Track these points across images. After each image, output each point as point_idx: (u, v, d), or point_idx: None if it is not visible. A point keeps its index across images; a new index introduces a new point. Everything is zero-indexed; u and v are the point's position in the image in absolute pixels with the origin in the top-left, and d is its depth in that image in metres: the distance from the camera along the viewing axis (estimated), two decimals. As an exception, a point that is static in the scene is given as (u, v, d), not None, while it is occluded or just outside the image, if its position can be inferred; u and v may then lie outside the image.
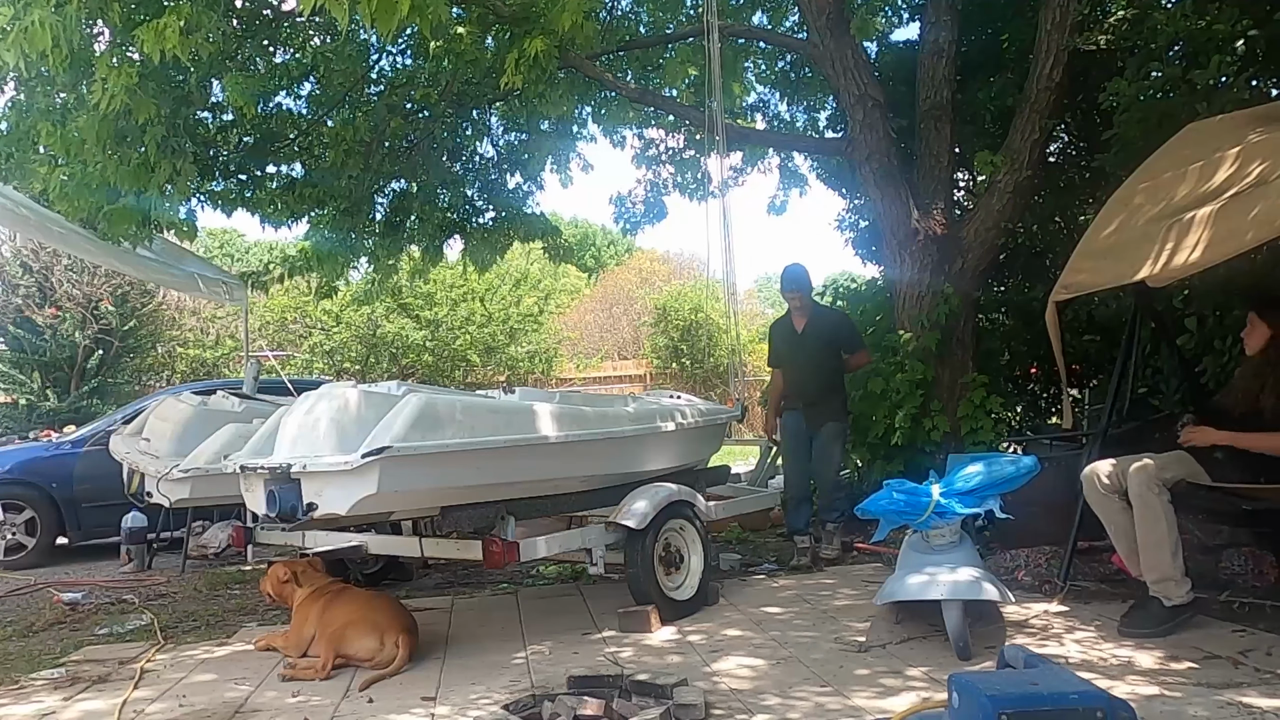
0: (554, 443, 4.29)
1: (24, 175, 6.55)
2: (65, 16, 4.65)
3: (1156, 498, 3.84)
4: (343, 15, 4.10)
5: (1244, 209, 3.64)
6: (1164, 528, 3.82)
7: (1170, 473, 3.91)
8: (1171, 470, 3.93)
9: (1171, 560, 3.83)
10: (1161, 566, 3.84)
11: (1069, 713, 2.19)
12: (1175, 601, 3.84)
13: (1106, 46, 6.31)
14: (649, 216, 9.98)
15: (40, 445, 8.43)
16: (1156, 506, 3.83)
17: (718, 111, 6.52)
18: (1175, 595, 3.84)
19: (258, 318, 18.60)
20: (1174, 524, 3.84)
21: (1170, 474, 3.91)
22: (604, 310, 26.77)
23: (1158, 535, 3.84)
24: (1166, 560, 3.83)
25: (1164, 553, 3.83)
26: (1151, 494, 3.84)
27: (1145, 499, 3.85)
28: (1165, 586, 3.85)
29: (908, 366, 6.64)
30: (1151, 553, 3.87)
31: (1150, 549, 3.87)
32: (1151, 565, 3.88)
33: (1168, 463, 3.96)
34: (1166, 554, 3.83)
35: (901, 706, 3.12)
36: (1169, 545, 3.83)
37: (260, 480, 3.83)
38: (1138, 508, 3.89)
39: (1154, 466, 3.91)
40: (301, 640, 4.13)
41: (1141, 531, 3.89)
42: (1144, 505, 3.86)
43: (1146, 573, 3.91)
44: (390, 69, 8.39)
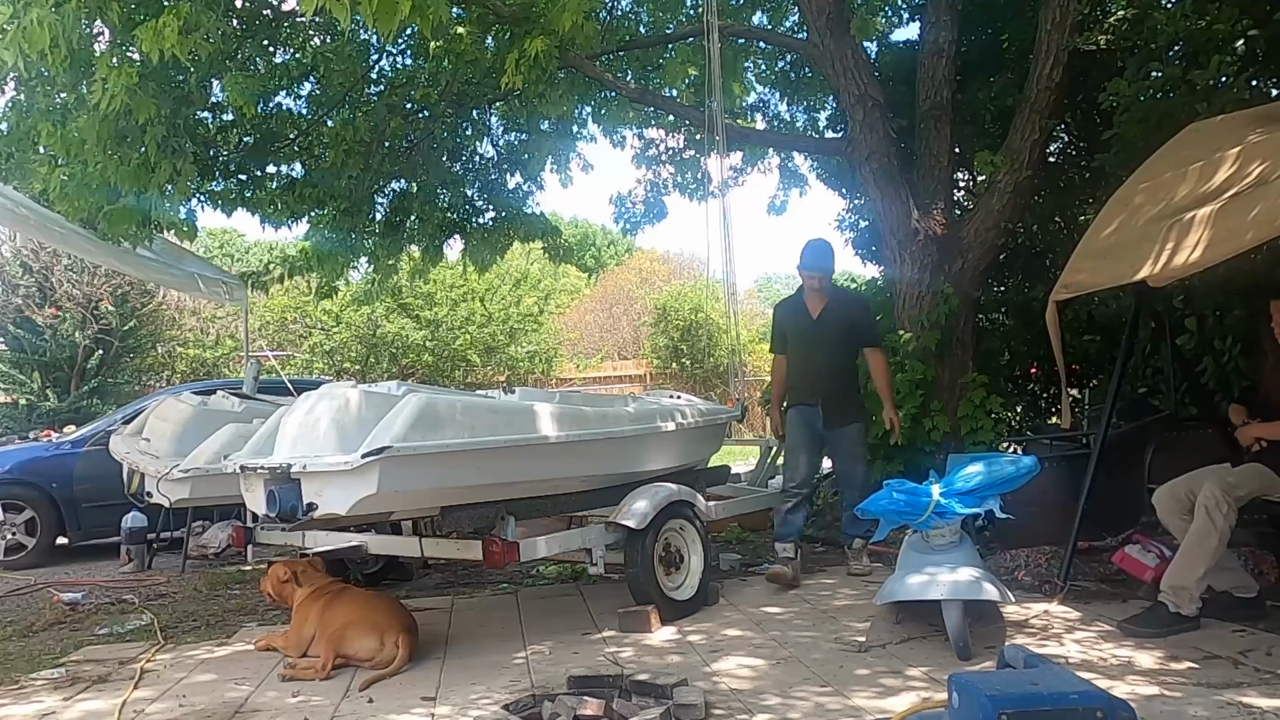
0: (554, 443, 4.29)
1: (24, 175, 6.55)
2: (64, 16, 4.65)
3: (1222, 517, 3.79)
4: (344, 15, 4.09)
5: (1244, 209, 3.64)
6: (1212, 546, 3.80)
7: (1245, 489, 3.87)
8: (1247, 485, 3.88)
9: (1201, 577, 3.83)
10: (1187, 578, 3.84)
11: (1069, 713, 2.19)
12: (1182, 612, 3.84)
13: (1106, 46, 6.31)
14: (649, 216, 9.98)
15: (40, 445, 8.43)
16: (1219, 524, 3.78)
17: (718, 111, 6.52)
18: (1186, 607, 3.84)
19: (258, 318, 18.60)
20: (1224, 541, 3.82)
21: (1245, 490, 3.87)
22: (604, 310, 26.77)
23: (1203, 552, 3.81)
24: (1196, 575, 3.83)
25: (1198, 569, 3.82)
26: (1219, 514, 3.79)
27: (1211, 516, 3.80)
28: (1180, 595, 3.85)
29: (908, 366, 6.63)
30: (1187, 563, 3.86)
31: (1188, 559, 3.86)
32: (1179, 572, 3.87)
33: (1244, 477, 3.92)
34: (1200, 570, 3.82)
35: (901, 706, 3.12)
36: (1205, 564, 3.82)
37: (260, 480, 3.83)
38: (1199, 519, 3.84)
39: (1229, 483, 3.86)
40: (302, 640, 4.13)
41: (1190, 539, 3.86)
42: (1206, 521, 3.81)
43: (1170, 576, 3.90)
44: (390, 69, 8.40)
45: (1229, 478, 3.91)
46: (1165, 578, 3.92)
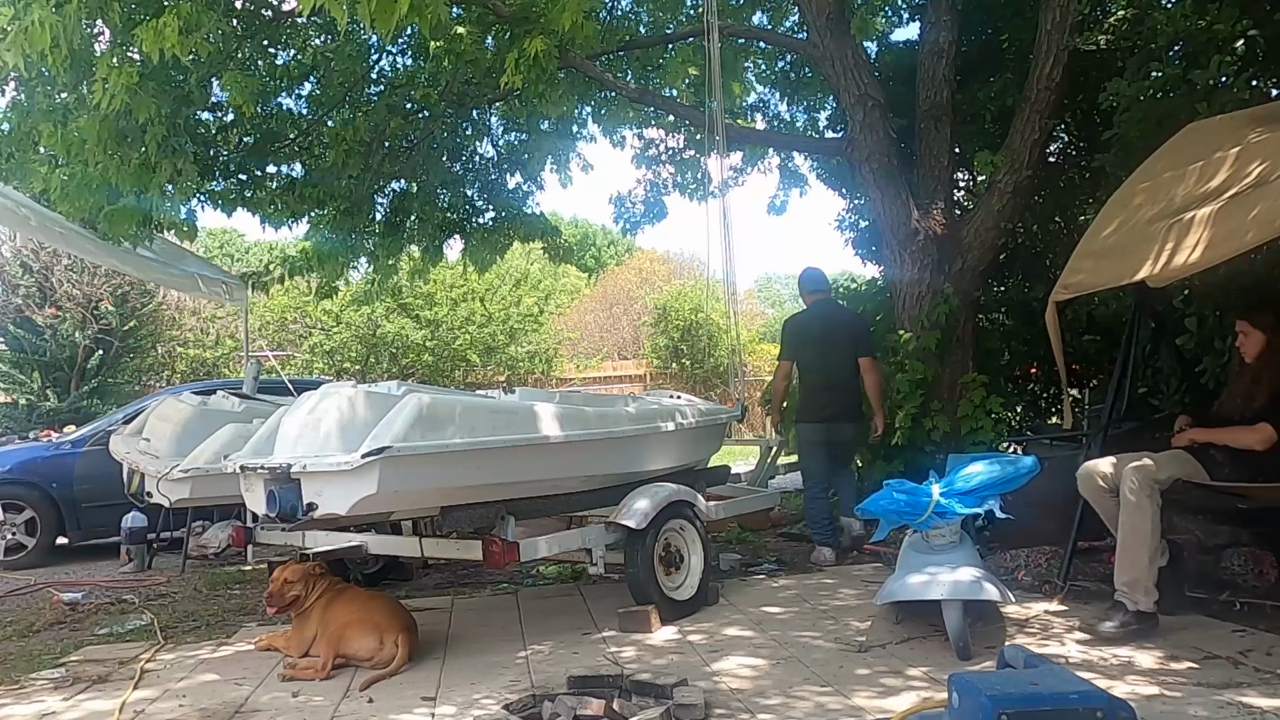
0: (554, 443, 4.29)
1: (24, 175, 6.55)
2: (65, 16, 4.65)
3: (1147, 499, 3.82)
4: (341, 15, 4.10)
5: (1244, 209, 3.65)
6: (1147, 530, 3.80)
7: (1167, 472, 3.90)
8: (1169, 470, 3.92)
9: (1148, 565, 3.81)
10: (1135, 569, 3.81)
11: (1069, 713, 2.19)
12: (1140, 608, 3.81)
13: (1106, 46, 6.31)
14: (649, 216, 9.98)
15: (40, 445, 8.43)
16: (1146, 508, 3.81)
17: (718, 111, 6.52)
18: (1142, 601, 3.81)
19: (258, 318, 18.60)
20: (1158, 529, 3.81)
21: (1167, 473, 3.90)
22: (604, 310, 26.76)
23: (1139, 537, 3.81)
24: (1143, 564, 3.80)
25: (1141, 556, 3.80)
26: (1143, 495, 3.82)
27: (1136, 499, 3.83)
28: (1134, 590, 3.82)
29: (908, 366, 6.64)
30: (1129, 554, 3.84)
31: (1128, 550, 3.84)
32: (1126, 566, 3.85)
33: (1165, 462, 3.96)
34: (1144, 557, 3.80)
35: (901, 706, 3.12)
36: (1148, 549, 3.80)
37: (260, 480, 3.83)
38: (1125, 507, 3.86)
39: (1151, 466, 3.90)
40: (304, 640, 4.13)
41: (1124, 530, 3.86)
42: (1134, 505, 3.84)
43: (1119, 573, 3.88)
44: (390, 69, 8.40)
45: (1148, 460, 3.92)
46: (1116, 576, 3.90)
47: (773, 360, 20.74)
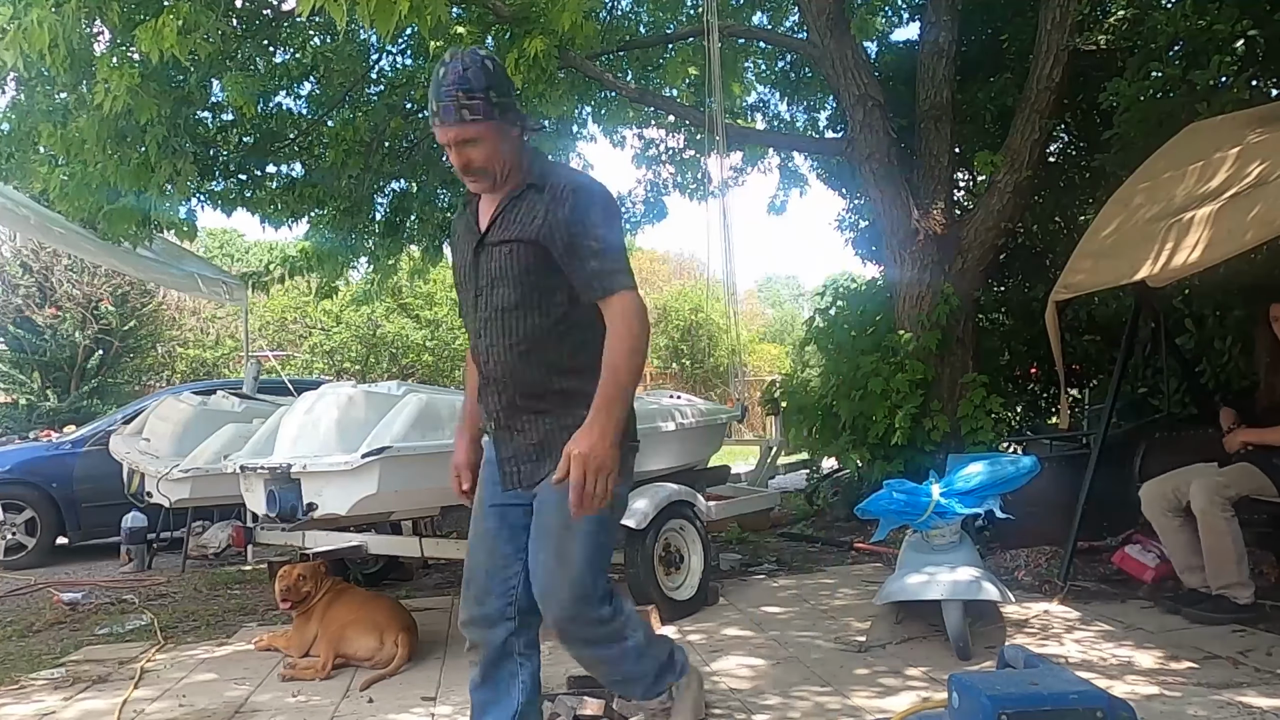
0: (554, 443, 4.28)
1: (24, 175, 6.55)
2: (64, 16, 4.66)
3: (1221, 514, 3.86)
4: (341, 15, 4.10)
5: (1244, 209, 3.65)
6: (1229, 542, 3.86)
7: (1234, 489, 3.91)
8: (1235, 486, 3.93)
9: (1237, 569, 3.89)
10: (1228, 574, 3.90)
11: (1069, 713, 2.18)
12: (1241, 601, 3.89)
13: (1106, 46, 6.31)
14: (649, 216, 9.99)
15: (40, 445, 8.44)
16: (1222, 524, 3.86)
17: (718, 111, 6.52)
18: (1241, 597, 3.90)
19: (258, 318, 18.61)
20: (1239, 536, 3.88)
21: (1234, 490, 3.91)
22: (604, 310, 26.74)
23: (1224, 549, 3.88)
24: (1233, 570, 3.89)
25: (1230, 563, 3.88)
26: (1216, 510, 3.86)
27: (1211, 516, 3.87)
28: (1232, 590, 3.90)
29: (908, 366, 6.63)
30: (1218, 564, 3.91)
31: (1217, 561, 3.91)
32: (1218, 573, 3.93)
33: (1233, 478, 3.96)
34: (1232, 564, 3.88)
35: (901, 706, 3.12)
36: (1234, 556, 3.88)
37: (260, 480, 3.83)
38: (1203, 524, 3.90)
39: (1220, 483, 3.92)
40: (304, 640, 4.13)
41: (1207, 544, 3.92)
42: (1210, 522, 3.88)
43: (1213, 580, 3.95)
44: (390, 69, 8.40)
45: (1218, 477, 3.95)
46: (1213, 582, 3.96)
47: (772, 360, 20.70)
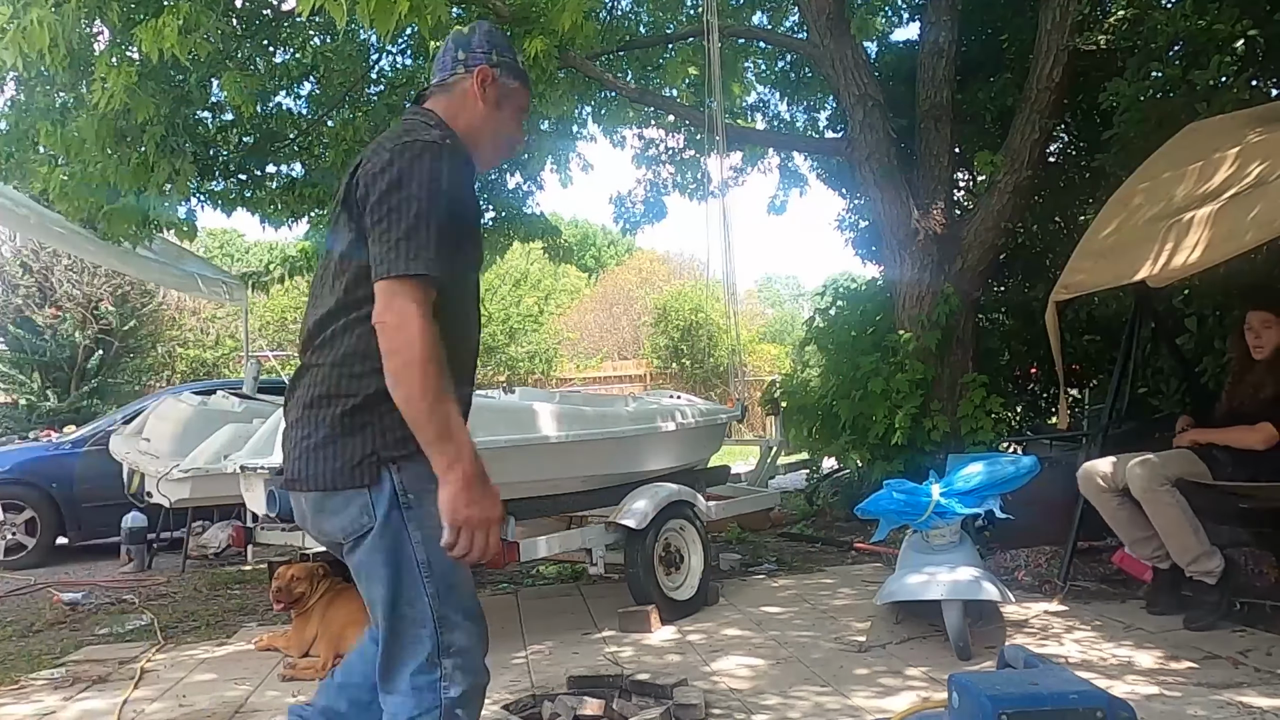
0: (554, 443, 4.29)
1: (24, 175, 6.55)
2: (64, 16, 4.66)
3: (1161, 489, 3.90)
4: (340, 15, 4.10)
5: (1244, 209, 3.65)
6: (1177, 513, 3.89)
7: (1171, 470, 3.95)
8: (1172, 468, 3.97)
9: (1195, 538, 3.90)
10: (1190, 548, 3.91)
11: (1069, 713, 2.18)
12: (1216, 575, 3.90)
13: (1106, 46, 6.30)
14: (649, 216, 9.99)
15: (40, 445, 8.43)
16: (1165, 498, 3.89)
17: (718, 111, 6.52)
18: (1211, 566, 3.90)
19: (258, 318, 18.61)
20: (1187, 507, 3.89)
21: (1171, 471, 3.95)
22: (604, 310, 26.77)
23: (1175, 521, 3.90)
24: (1191, 540, 3.90)
25: (1186, 535, 3.90)
26: (1156, 487, 3.90)
27: (1152, 494, 3.91)
28: (1200, 563, 3.91)
29: (908, 366, 6.63)
30: (1175, 539, 3.93)
31: (1173, 536, 3.93)
32: (1180, 550, 3.94)
33: (1169, 460, 4.01)
34: (1189, 535, 3.90)
35: (901, 706, 3.12)
36: (1188, 526, 3.89)
37: (260, 480, 3.83)
38: (1147, 504, 3.94)
39: (1156, 463, 3.96)
40: (304, 640, 4.13)
41: (1158, 523, 3.95)
42: (1153, 500, 3.91)
43: (1178, 557, 3.97)
44: (390, 69, 8.40)
45: (1153, 459, 3.99)
46: (1179, 560, 3.98)
47: (772, 360, 20.71)
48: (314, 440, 1.83)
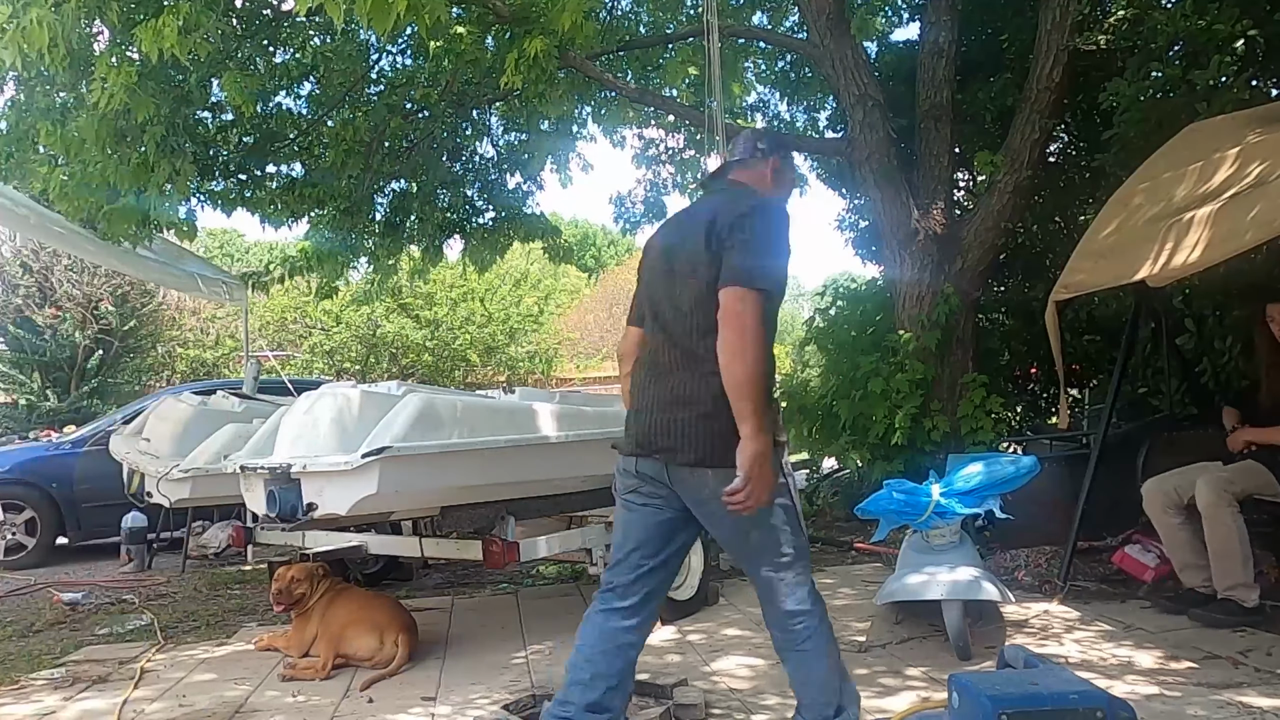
0: (554, 443, 4.29)
1: (24, 175, 6.55)
2: (63, 15, 4.65)
3: (1227, 510, 3.86)
4: (338, 14, 4.10)
5: (1244, 209, 3.64)
6: (1235, 541, 3.86)
7: (1240, 486, 3.93)
8: (1241, 483, 3.94)
9: (1243, 569, 3.88)
10: (1234, 575, 3.89)
11: (1069, 713, 2.19)
12: (1247, 604, 3.88)
13: (1106, 46, 6.30)
14: (649, 216, 9.97)
15: (40, 445, 8.43)
16: (1228, 520, 3.86)
17: (718, 111, 6.51)
18: (1249, 599, 3.89)
19: (258, 318, 18.61)
20: (1245, 536, 3.88)
21: (1239, 487, 3.92)
22: (604, 310, 26.77)
23: (1230, 547, 3.88)
24: (1238, 570, 3.88)
25: (1236, 563, 3.88)
26: (1222, 506, 3.87)
27: (1217, 512, 3.87)
28: (1238, 592, 3.90)
29: (908, 366, 6.63)
30: (1224, 563, 3.91)
31: (1222, 559, 3.91)
32: (1224, 574, 3.92)
33: (1238, 475, 3.98)
34: (1238, 564, 3.88)
35: (901, 706, 3.12)
36: (1240, 556, 3.87)
37: (260, 480, 3.83)
38: (1208, 520, 3.91)
39: (1224, 480, 3.93)
40: (304, 640, 4.13)
41: (1213, 543, 3.92)
42: (1215, 519, 3.88)
43: (1219, 580, 3.95)
44: (390, 69, 8.40)
45: (1223, 474, 3.96)
46: (1218, 583, 3.95)
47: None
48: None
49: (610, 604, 2.61)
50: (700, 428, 2.43)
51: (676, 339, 2.52)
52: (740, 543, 2.56)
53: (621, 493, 2.65)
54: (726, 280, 2.38)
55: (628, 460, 2.60)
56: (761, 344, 2.34)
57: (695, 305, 2.47)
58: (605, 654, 2.57)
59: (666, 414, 2.49)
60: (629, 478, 2.61)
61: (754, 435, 2.30)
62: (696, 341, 2.46)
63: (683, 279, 2.52)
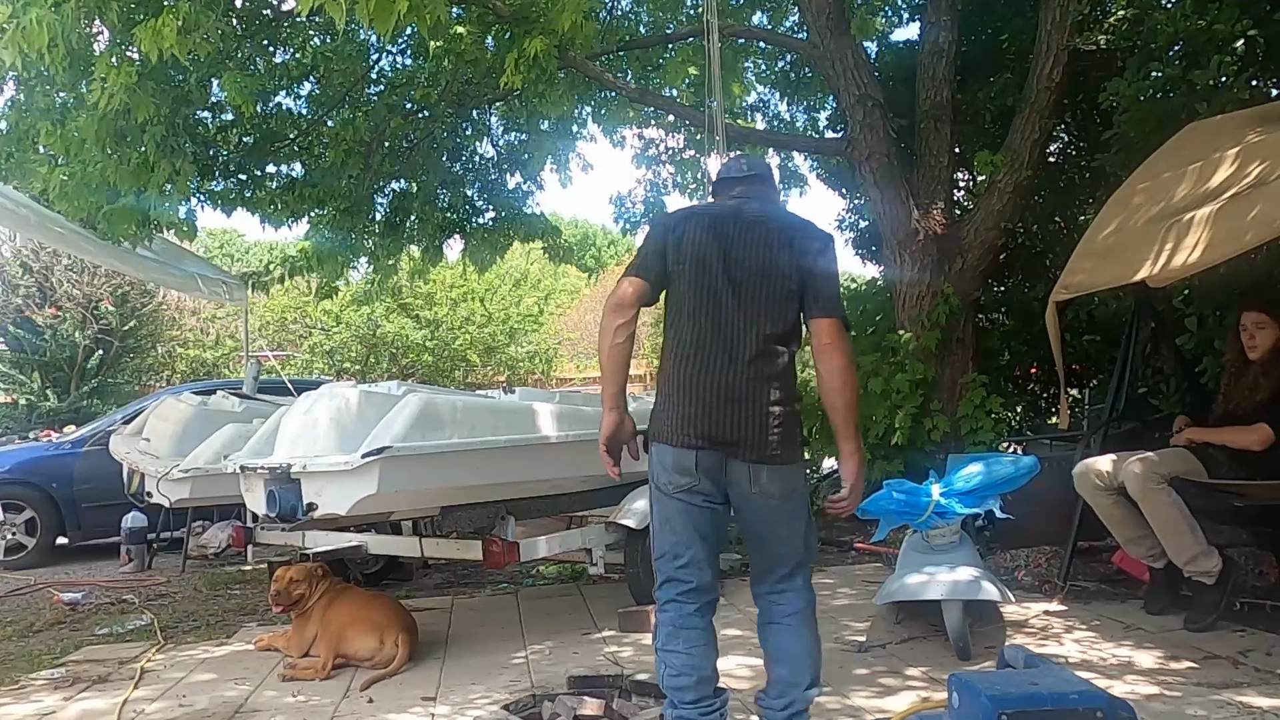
0: (554, 443, 4.29)
1: (24, 175, 6.55)
2: (63, 15, 4.65)
3: (1159, 489, 3.89)
4: (339, 14, 4.10)
5: (1244, 209, 3.65)
6: (1175, 512, 3.88)
7: (1168, 468, 3.95)
8: (1169, 466, 3.97)
9: (1192, 536, 3.88)
10: (1187, 547, 3.90)
11: (1069, 713, 2.18)
12: (1214, 575, 3.88)
13: (1106, 46, 6.30)
14: (649, 216, 9.97)
15: (40, 445, 8.44)
16: (1161, 497, 3.89)
17: (718, 111, 6.51)
18: (1210, 566, 3.88)
19: (258, 318, 18.60)
20: (1182, 506, 3.89)
21: (1167, 469, 3.95)
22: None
23: (1172, 520, 3.89)
24: (1189, 540, 3.88)
25: (1184, 534, 3.89)
26: (1152, 486, 3.90)
27: (1148, 492, 3.90)
28: (1198, 563, 3.90)
29: (908, 366, 6.63)
30: (1172, 538, 3.92)
31: (1170, 535, 3.92)
32: (1176, 549, 3.93)
33: (1166, 459, 4.01)
34: (1186, 534, 3.88)
35: (901, 706, 3.12)
36: (1185, 525, 3.88)
37: (260, 480, 3.83)
38: (1143, 503, 3.93)
39: (1153, 461, 3.96)
40: (304, 640, 4.13)
41: (1155, 523, 3.94)
42: (1149, 499, 3.91)
43: (1175, 557, 3.96)
44: (390, 69, 8.40)
45: (1150, 457, 3.99)
46: (1176, 560, 3.96)
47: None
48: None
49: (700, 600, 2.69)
50: (768, 427, 2.60)
51: (737, 338, 2.61)
52: (788, 535, 2.73)
53: (673, 489, 2.70)
54: (828, 311, 2.62)
55: (683, 453, 2.66)
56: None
57: (764, 313, 2.62)
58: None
59: (730, 411, 2.60)
60: (684, 473, 2.66)
61: (857, 450, 2.64)
62: (764, 346, 2.61)
63: (753, 286, 2.63)
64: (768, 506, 2.65)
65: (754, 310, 2.62)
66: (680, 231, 2.73)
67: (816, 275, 2.65)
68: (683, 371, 2.68)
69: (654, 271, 2.71)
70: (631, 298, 2.69)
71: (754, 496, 2.64)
